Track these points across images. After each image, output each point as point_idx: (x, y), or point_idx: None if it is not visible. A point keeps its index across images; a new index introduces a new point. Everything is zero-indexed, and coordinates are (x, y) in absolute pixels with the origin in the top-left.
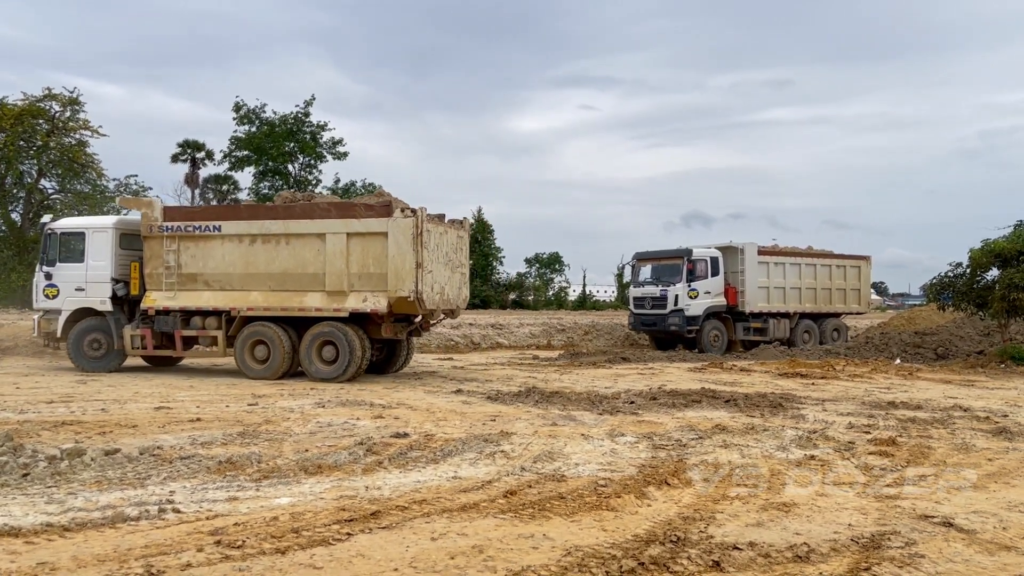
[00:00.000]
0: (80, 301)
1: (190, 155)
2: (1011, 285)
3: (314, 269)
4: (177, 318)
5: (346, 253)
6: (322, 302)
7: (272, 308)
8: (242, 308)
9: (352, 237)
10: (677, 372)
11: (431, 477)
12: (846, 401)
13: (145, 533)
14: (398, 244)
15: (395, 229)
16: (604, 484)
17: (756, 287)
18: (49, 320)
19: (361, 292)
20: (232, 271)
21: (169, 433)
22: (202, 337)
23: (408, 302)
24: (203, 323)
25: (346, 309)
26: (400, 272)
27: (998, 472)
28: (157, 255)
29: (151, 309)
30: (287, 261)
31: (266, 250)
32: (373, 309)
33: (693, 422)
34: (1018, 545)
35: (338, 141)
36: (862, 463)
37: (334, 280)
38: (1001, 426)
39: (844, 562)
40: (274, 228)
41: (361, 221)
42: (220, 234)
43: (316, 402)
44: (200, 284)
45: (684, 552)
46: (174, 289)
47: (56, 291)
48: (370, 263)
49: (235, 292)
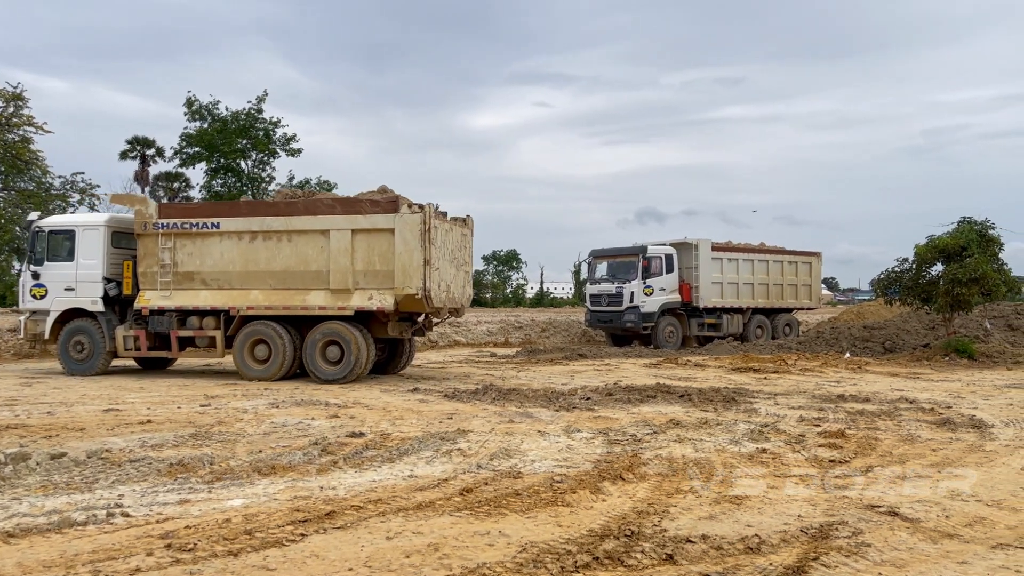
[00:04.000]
0: (70, 301)
1: (140, 152)
2: (954, 280)
3: (317, 266)
4: (173, 318)
5: (351, 250)
6: (326, 300)
7: (273, 307)
8: (242, 307)
9: (357, 234)
10: (633, 368)
11: (387, 476)
12: (797, 395)
13: (93, 538)
14: (405, 241)
15: (402, 225)
16: (560, 480)
17: (710, 283)
18: (36, 321)
19: (366, 290)
20: (231, 269)
21: (118, 436)
22: (199, 337)
23: (416, 300)
24: (200, 323)
25: (351, 307)
26: (408, 269)
27: (941, 462)
28: (151, 253)
29: (145, 309)
30: (289, 259)
31: (267, 247)
32: (379, 307)
33: (648, 417)
34: (960, 533)
35: (291, 137)
36: (812, 455)
37: (338, 278)
38: (945, 417)
39: (794, 553)
40: (275, 225)
41: (367, 217)
42: (218, 231)
43: (270, 402)
44: (197, 283)
45: (638, 546)
46: (169, 288)
47: (44, 291)
48: (376, 260)
49: (234, 291)
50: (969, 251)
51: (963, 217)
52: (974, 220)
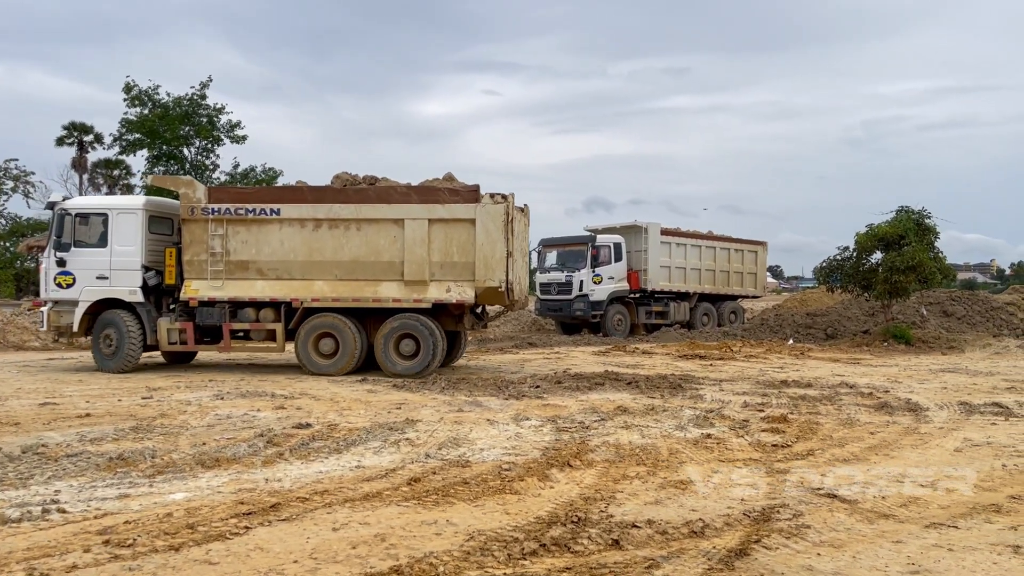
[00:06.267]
0: (103, 291)
1: (77, 138)
2: (892, 268)
3: (389, 257)
4: (225, 310)
5: (427, 240)
6: (400, 292)
7: (342, 299)
8: (306, 299)
9: (434, 223)
10: (582, 356)
11: (334, 467)
12: (742, 381)
13: (27, 535)
14: (487, 232)
15: (484, 216)
16: (508, 468)
17: (658, 266)
18: (60, 312)
19: (443, 282)
20: (292, 258)
21: (55, 430)
22: (254, 331)
23: (498, 293)
24: (257, 315)
25: (428, 300)
26: (490, 261)
27: (879, 445)
28: (199, 240)
29: (193, 300)
30: (358, 248)
31: (333, 236)
32: (459, 300)
33: (596, 404)
34: (896, 513)
35: (236, 124)
36: (755, 440)
37: (414, 269)
38: (883, 401)
39: (736, 536)
40: (344, 212)
41: (446, 207)
42: (279, 218)
43: (215, 394)
44: (252, 272)
45: (585, 532)
46: (221, 278)
47: (71, 279)
48: (454, 251)
49: (295, 281)
50: (907, 240)
51: (901, 206)
52: (911, 210)
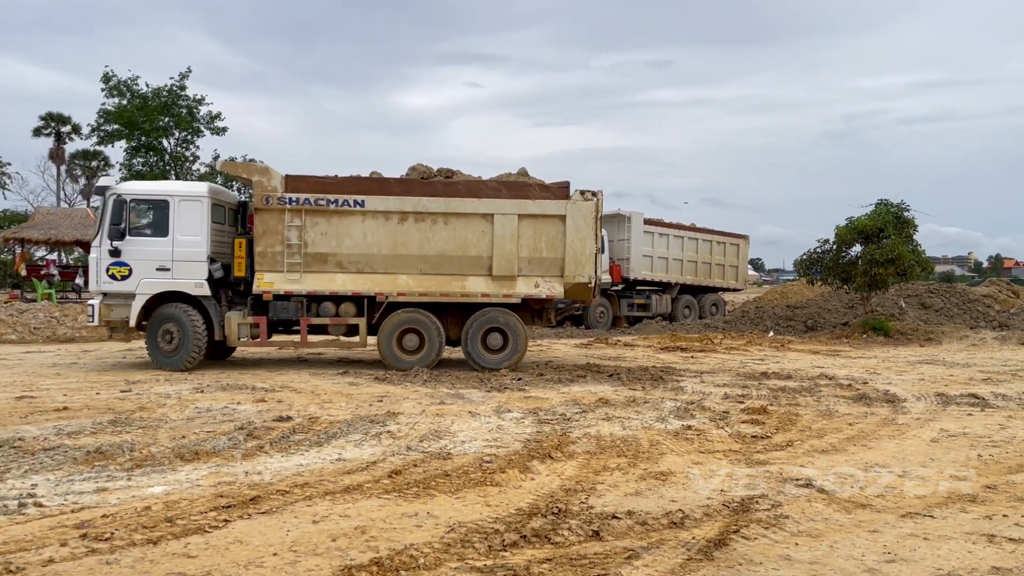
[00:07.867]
0: (165, 284)
1: (54, 129)
2: (872, 260)
3: (477, 251)
4: (302, 304)
5: (516, 236)
6: (488, 287)
7: (429, 293)
8: (391, 293)
9: (524, 219)
10: (564, 348)
11: (314, 460)
12: (723, 373)
13: (3, 529)
14: (578, 228)
15: (575, 212)
16: (489, 460)
17: (641, 255)
18: (112, 306)
19: (531, 277)
20: (375, 252)
21: (32, 424)
22: (333, 326)
23: (586, 288)
24: (337, 310)
25: (518, 295)
26: (579, 257)
27: (857, 436)
28: (274, 231)
29: (267, 293)
30: (446, 242)
31: (419, 229)
32: (549, 295)
33: (578, 396)
34: (873, 503)
35: (216, 115)
36: (735, 431)
37: (503, 264)
38: (861, 393)
39: (716, 526)
40: (432, 206)
41: (536, 203)
42: (362, 210)
43: (194, 387)
44: (332, 265)
45: (565, 523)
46: (298, 271)
47: (127, 270)
48: (543, 247)
49: (378, 275)
50: (886, 233)
51: (880, 199)
52: (891, 203)
